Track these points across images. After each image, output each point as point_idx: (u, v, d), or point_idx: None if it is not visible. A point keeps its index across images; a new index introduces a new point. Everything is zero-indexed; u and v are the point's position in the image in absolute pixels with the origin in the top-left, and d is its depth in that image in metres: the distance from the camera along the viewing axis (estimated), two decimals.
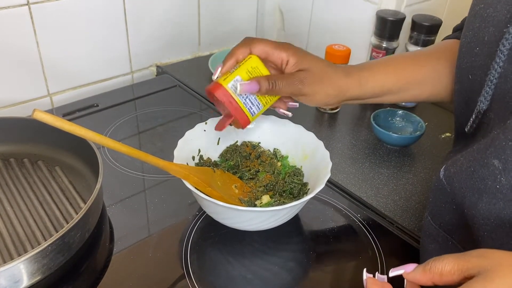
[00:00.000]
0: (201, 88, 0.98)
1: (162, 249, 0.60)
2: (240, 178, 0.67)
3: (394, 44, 0.92)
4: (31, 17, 0.81)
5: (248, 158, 0.69)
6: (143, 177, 0.72)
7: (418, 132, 0.82)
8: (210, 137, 0.69)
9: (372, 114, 0.83)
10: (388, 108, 0.87)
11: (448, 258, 0.37)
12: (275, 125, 0.71)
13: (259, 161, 0.69)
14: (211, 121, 0.69)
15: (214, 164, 0.68)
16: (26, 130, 0.71)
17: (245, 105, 0.56)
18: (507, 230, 0.41)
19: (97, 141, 0.51)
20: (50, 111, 0.84)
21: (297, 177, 0.65)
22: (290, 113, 0.61)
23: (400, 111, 0.86)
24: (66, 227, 0.51)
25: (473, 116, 0.48)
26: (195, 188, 0.58)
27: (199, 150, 0.68)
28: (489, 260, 0.35)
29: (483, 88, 0.45)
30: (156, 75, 1.06)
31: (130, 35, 0.97)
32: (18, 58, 0.84)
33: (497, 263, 0.34)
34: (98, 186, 0.57)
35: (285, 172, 0.68)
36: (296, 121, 0.70)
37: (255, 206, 0.63)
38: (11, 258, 0.55)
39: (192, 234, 0.62)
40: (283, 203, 0.58)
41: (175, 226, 0.64)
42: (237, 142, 0.71)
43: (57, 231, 0.58)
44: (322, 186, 0.57)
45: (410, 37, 0.90)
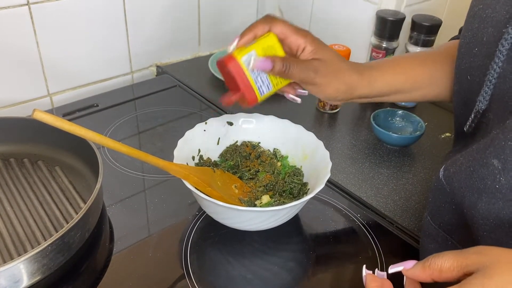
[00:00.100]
0: (201, 88, 0.98)
1: (162, 249, 0.60)
2: (240, 178, 0.67)
3: (394, 44, 0.92)
4: (31, 17, 0.81)
5: (248, 158, 0.69)
6: (143, 177, 0.72)
7: (418, 132, 0.82)
8: (210, 137, 0.69)
9: (372, 114, 0.83)
10: (388, 108, 0.87)
11: (447, 255, 0.37)
12: (275, 125, 0.71)
13: (259, 161, 0.69)
14: (211, 121, 0.69)
15: (214, 164, 0.68)
16: (26, 130, 0.71)
17: (255, 82, 0.54)
18: (506, 230, 0.41)
19: (97, 141, 0.51)
20: (50, 111, 0.84)
21: (297, 177, 0.65)
22: (299, 99, 0.60)
23: (400, 111, 0.86)
24: (66, 227, 0.51)
25: (472, 115, 0.48)
26: (195, 188, 0.58)
27: (199, 150, 0.68)
28: (488, 257, 0.35)
29: (482, 88, 0.45)
30: (156, 75, 1.06)
31: (130, 35, 0.97)
32: (18, 58, 0.84)
33: (496, 260, 0.34)
34: (98, 186, 0.57)
35: (285, 172, 0.68)
36: (296, 121, 0.70)
37: (255, 206, 0.63)
38: (11, 258, 0.55)
39: (192, 234, 0.62)
40: (283, 203, 0.58)
41: (175, 226, 0.64)
42: (237, 142, 0.71)
43: (57, 231, 0.58)
44: (322, 186, 0.57)
45: (410, 37, 0.90)
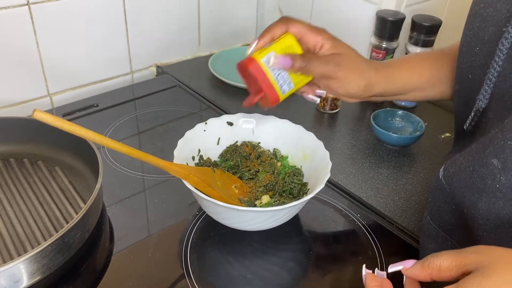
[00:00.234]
0: (201, 88, 0.98)
1: (162, 249, 0.60)
2: (240, 178, 0.67)
3: (394, 44, 0.92)
4: (31, 17, 0.81)
5: (248, 158, 0.69)
6: (143, 177, 0.72)
7: (418, 132, 0.82)
8: (210, 137, 0.69)
9: (372, 114, 0.83)
10: (388, 108, 0.87)
11: (446, 254, 0.37)
12: (275, 125, 0.71)
13: (259, 161, 0.69)
14: (211, 121, 0.69)
15: (214, 164, 0.68)
16: (26, 130, 0.71)
17: (276, 81, 0.54)
18: (506, 230, 0.41)
19: (97, 141, 0.51)
20: (50, 111, 0.84)
21: (297, 177, 0.65)
22: (318, 99, 0.60)
23: (400, 111, 0.86)
24: (66, 227, 0.51)
25: (471, 114, 0.48)
26: (195, 188, 0.58)
27: (199, 150, 0.68)
28: (486, 256, 0.35)
29: (482, 87, 0.45)
30: (156, 75, 1.06)
31: (130, 35, 0.97)
32: (18, 58, 0.84)
33: (494, 260, 0.34)
34: (98, 186, 0.57)
35: (285, 172, 0.68)
36: (296, 121, 0.70)
37: (255, 206, 0.63)
38: (11, 258, 0.55)
39: (192, 234, 0.62)
40: (283, 203, 0.58)
41: (175, 226, 0.64)
42: (237, 142, 0.71)
43: (57, 231, 0.58)
44: (322, 186, 0.57)
45: (410, 37, 0.90)
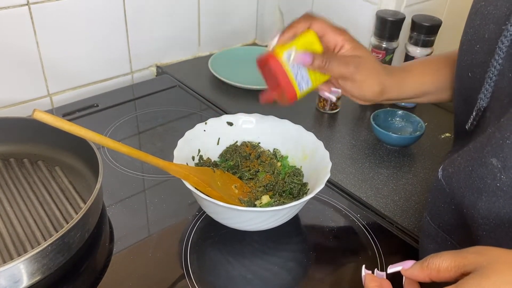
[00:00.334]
0: (201, 88, 0.98)
1: (162, 249, 0.60)
2: (240, 178, 0.67)
3: (394, 44, 0.92)
4: (31, 17, 0.82)
5: (248, 158, 0.70)
6: (143, 177, 0.72)
7: (417, 132, 0.82)
8: (210, 137, 0.69)
9: (372, 114, 0.83)
10: (388, 108, 0.87)
11: (445, 255, 0.37)
12: (275, 125, 0.71)
13: (259, 161, 0.69)
14: (211, 121, 0.69)
15: (214, 164, 0.68)
16: (26, 130, 0.71)
17: (295, 78, 0.55)
18: (506, 229, 0.41)
19: (97, 141, 0.51)
20: (50, 111, 0.84)
21: (297, 177, 0.65)
22: (334, 97, 0.61)
23: (400, 111, 0.86)
24: (66, 227, 0.51)
25: (473, 113, 0.48)
26: (195, 188, 0.58)
27: (199, 150, 0.68)
28: (485, 257, 0.35)
29: (483, 85, 0.45)
30: (156, 75, 1.06)
31: (130, 35, 0.97)
32: (18, 58, 0.84)
33: (493, 260, 0.34)
34: (98, 186, 0.57)
35: (285, 172, 0.68)
36: (296, 121, 0.70)
37: (255, 206, 0.63)
38: (11, 258, 0.55)
39: (192, 234, 0.62)
40: (283, 203, 0.58)
41: (175, 226, 0.64)
42: (236, 142, 0.71)
43: (57, 231, 0.58)
44: (321, 186, 0.57)
45: (410, 37, 0.90)
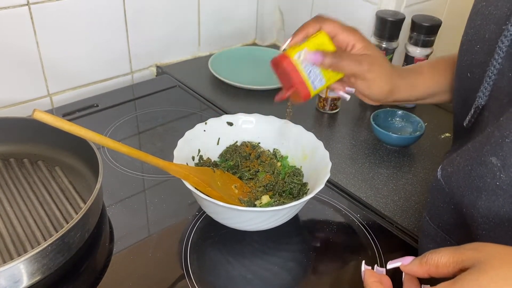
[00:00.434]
0: (201, 88, 0.98)
1: (162, 249, 0.60)
2: (240, 178, 0.67)
3: (393, 44, 0.92)
4: (31, 17, 0.82)
5: (248, 158, 0.70)
6: (143, 177, 0.72)
7: (417, 132, 0.82)
8: (210, 137, 0.69)
9: (371, 114, 0.83)
10: (388, 108, 0.87)
11: (444, 251, 0.38)
12: (275, 125, 0.71)
13: (259, 161, 0.69)
14: (211, 121, 0.69)
15: (214, 164, 0.68)
16: (26, 130, 0.71)
17: (308, 77, 0.55)
18: (506, 228, 0.41)
19: (97, 141, 0.51)
20: (50, 111, 0.84)
21: (296, 177, 0.65)
22: (348, 96, 0.61)
23: (399, 112, 0.86)
24: (66, 227, 0.51)
25: (471, 111, 0.48)
26: (195, 188, 0.58)
27: (199, 150, 0.68)
28: (483, 253, 0.35)
29: (482, 84, 0.46)
30: (156, 75, 1.06)
31: (130, 35, 0.97)
32: (18, 58, 0.84)
33: (491, 256, 0.35)
34: (98, 186, 0.57)
35: (284, 172, 0.68)
36: (296, 121, 0.70)
37: (255, 206, 0.63)
38: (11, 258, 0.55)
39: (192, 234, 0.62)
40: (283, 203, 0.58)
41: (175, 226, 0.64)
42: (236, 142, 0.71)
43: (57, 231, 0.58)
44: (321, 186, 0.57)
45: (410, 37, 0.90)
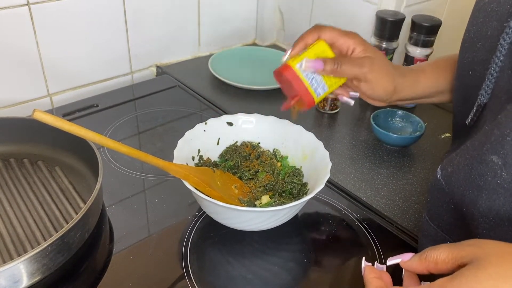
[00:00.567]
0: (201, 88, 0.98)
1: (162, 249, 0.60)
2: (239, 178, 0.67)
3: (393, 44, 0.92)
4: (31, 17, 0.82)
5: (247, 158, 0.70)
6: (143, 177, 0.72)
7: (417, 132, 0.82)
8: (210, 137, 0.69)
9: (371, 115, 0.83)
10: (387, 108, 0.87)
11: (443, 248, 0.38)
12: (275, 125, 0.71)
13: (259, 161, 0.69)
14: (211, 121, 0.69)
15: (214, 164, 0.68)
16: (26, 130, 0.71)
17: (311, 85, 0.57)
18: (506, 228, 0.41)
19: (97, 141, 0.51)
20: (50, 111, 0.84)
21: (296, 177, 0.65)
22: (352, 101, 0.62)
23: (399, 112, 0.86)
24: (66, 227, 0.51)
25: (474, 109, 0.48)
26: (195, 188, 0.58)
27: (199, 150, 0.68)
28: (482, 249, 0.36)
29: (484, 82, 0.46)
30: (156, 75, 1.06)
31: (130, 35, 0.97)
32: (18, 58, 0.84)
33: (489, 252, 0.35)
34: (98, 186, 0.57)
35: (284, 172, 0.68)
36: (296, 121, 0.70)
37: (255, 206, 0.63)
38: (11, 258, 0.55)
39: (192, 234, 0.62)
40: (283, 203, 0.58)
41: (175, 226, 0.64)
42: (236, 142, 0.71)
43: (57, 231, 0.58)
44: (321, 186, 0.57)
45: (410, 37, 0.90)
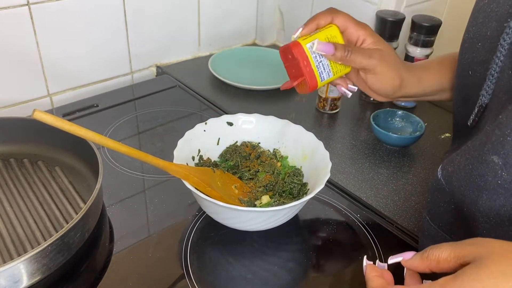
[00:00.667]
0: (201, 88, 0.98)
1: (162, 249, 0.60)
2: (240, 178, 0.67)
3: (394, 44, 0.92)
4: (31, 17, 0.82)
5: (247, 158, 0.70)
6: (143, 177, 0.72)
7: (417, 132, 0.82)
8: (210, 137, 0.69)
9: (371, 115, 0.83)
10: (388, 108, 0.87)
11: (444, 246, 0.38)
12: (275, 125, 0.71)
13: (259, 161, 0.69)
14: (211, 121, 0.69)
15: (214, 164, 0.68)
16: (26, 130, 0.71)
17: (317, 68, 0.56)
18: (507, 228, 0.41)
19: (97, 141, 0.51)
20: (50, 111, 0.84)
21: (296, 177, 0.65)
22: (350, 93, 0.62)
23: (399, 112, 0.86)
24: (66, 227, 0.51)
25: (475, 109, 0.48)
26: (195, 188, 0.58)
27: (199, 150, 0.68)
28: (484, 248, 0.36)
29: (485, 82, 0.46)
30: (156, 75, 1.06)
31: (130, 35, 0.97)
32: (18, 58, 0.84)
33: (491, 251, 0.35)
34: (98, 186, 0.57)
35: (284, 172, 0.68)
36: (296, 121, 0.70)
37: (255, 206, 0.63)
38: (11, 258, 0.55)
39: (192, 234, 0.62)
40: (283, 203, 0.58)
41: (175, 226, 0.64)
42: (236, 142, 0.71)
43: (57, 231, 0.58)
44: (321, 186, 0.57)
45: (410, 37, 0.90)
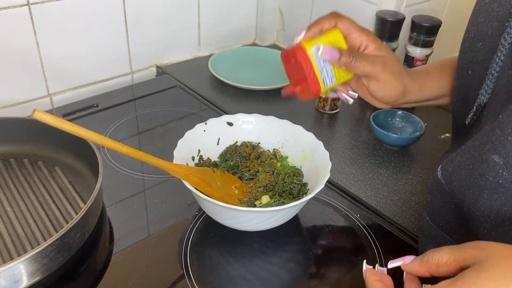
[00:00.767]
0: (201, 88, 0.98)
1: (162, 249, 0.60)
2: (239, 178, 0.67)
3: (393, 44, 0.92)
4: (31, 17, 0.82)
5: (247, 158, 0.70)
6: (143, 177, 0.72)
7: (417, 132, 0.82)
8: (210, 137, 0.69)
9: (371, 115, 0.83)
10: (387, 108, 0.87)
11: (444, 250, 0.38)
12: (275, 125, 0.71)
13: (259, 161, 0.69)
14: (211, 121, 0.69)
15: (214, 164, 0.68)
16: (26, 130, 0.71)
17: (321, 73, 0.56)
18: (507, 228, 0.41)
19: (97, 141, 0.51)
20: (50, 111, 0.84)
21: (296, 177, 0.65)
22: (351, 99, 0.61)
23: (399, 112, 0.86)
24: (66, 227, 0.51)
25: (473, 108, 0.48)
26: (195, 188, 0.58)
27: (199, 151, 0.68)
28: (484, 251, 0.36)
29: (484, 82, 0.46)
30: (156, 76, 1.06)
31: (130, 36, 0.97)
32: (18, 58, 0.84)
33: (492, 254, 0.35)
34: (98, 186, 0.57)
35: (284, 172, 0.68)
36: (296, 121, 0.70)
37: (255, 206, 0.63)
38: (11, 258, 0.55)
39: (192, 234, 0.62)
40: (283, 204, 0.58)
41: (175, 226, 0.64)
42: (236, 142, 0.71)
43: (57, 231, 0.58)
44: (321, 186, 0.57)
45: (410, 37, 0.90)
